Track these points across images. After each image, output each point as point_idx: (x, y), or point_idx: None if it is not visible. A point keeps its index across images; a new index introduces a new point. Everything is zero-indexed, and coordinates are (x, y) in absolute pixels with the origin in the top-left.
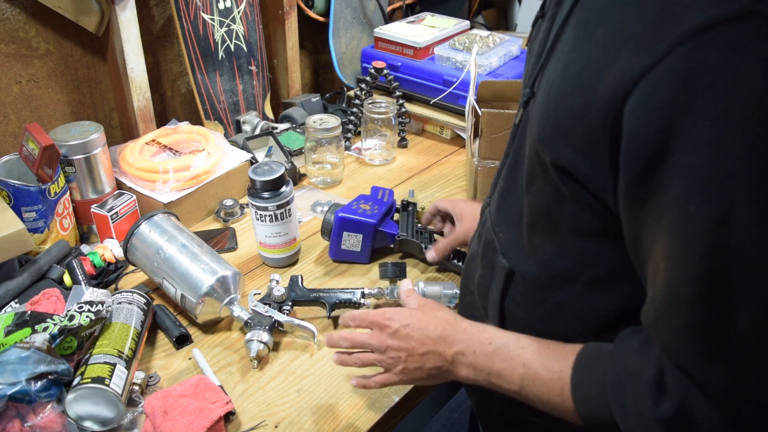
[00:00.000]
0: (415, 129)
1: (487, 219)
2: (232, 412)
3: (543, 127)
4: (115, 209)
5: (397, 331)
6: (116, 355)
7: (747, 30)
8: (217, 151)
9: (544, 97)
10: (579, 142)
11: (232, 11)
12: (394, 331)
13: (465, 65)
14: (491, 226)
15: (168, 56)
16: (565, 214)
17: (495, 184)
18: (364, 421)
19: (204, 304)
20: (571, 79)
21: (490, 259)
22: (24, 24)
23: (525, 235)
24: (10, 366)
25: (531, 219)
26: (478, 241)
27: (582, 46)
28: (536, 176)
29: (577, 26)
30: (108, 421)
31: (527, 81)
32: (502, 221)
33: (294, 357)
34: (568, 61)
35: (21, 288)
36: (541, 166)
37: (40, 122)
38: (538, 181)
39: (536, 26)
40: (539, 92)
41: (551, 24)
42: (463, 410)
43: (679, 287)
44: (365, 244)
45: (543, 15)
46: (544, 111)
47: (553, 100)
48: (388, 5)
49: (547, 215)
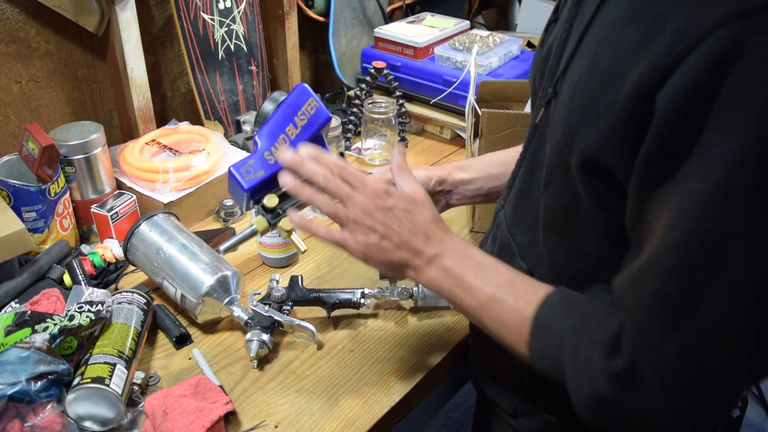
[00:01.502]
0: (415, 129)
1: (502, 221)
2: (232, 412)
3: (569, 122)
4: (115, 209)
5: (390, 209)
6: (116, 355)
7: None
8: (217, 151)
9: (569, 95)
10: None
11: (232, 11)
12: (387, 207)
13: (465, 65)
14: (507, 228)
15: (168, 56)
16: (582, 216)
17: (510, 187)
18: (364, 421)
19: (204, 304)
20: (599, 74)
21: (507, 262)
22: (24, 24)
23: (541, 237)
24: (10, 366)
25: (547, 220)
26: (492, 244)
27: (612, 43)
28: (555, 176)
29: (605, 24)
30: (108, 421)
31: (548, 82)
32: (520, 223)
33: (294, 357)
34: (596, 58)
35: (21, 288)
36: (562, 166)
37: (40, 122)
38: (557, 181)
39: (549, 30)
40: (563, 91)
41: (571, 25)
42: (463, 410)
43: (661, 255)
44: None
45: (556, 19)
46: (570, 108)
47: (579, 97)
48: (388, 5)
49: (563, 216)
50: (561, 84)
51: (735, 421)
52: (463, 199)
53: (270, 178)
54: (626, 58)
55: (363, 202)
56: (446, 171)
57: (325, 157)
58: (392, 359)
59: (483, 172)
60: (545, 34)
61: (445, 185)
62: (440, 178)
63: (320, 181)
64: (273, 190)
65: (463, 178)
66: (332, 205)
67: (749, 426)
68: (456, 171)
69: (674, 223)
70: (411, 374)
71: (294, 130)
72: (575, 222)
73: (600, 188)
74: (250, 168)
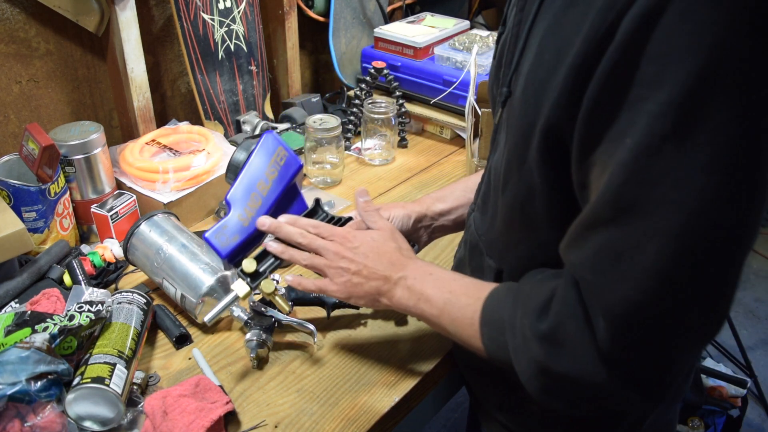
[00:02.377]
0: (415, 129)
1: (471, 224)
2: (232, 412)
3: (526, 115)
4: (115, 209)
5: (357, 248)
6: (116, 355)
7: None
8: (217, 151)
9: (521, 89)
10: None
11: (232, 11)
12: (354, 247)
13: (465, 65)
14: (475, 230)
15: (168, 56)
16: (538, 208)
17: (478, 191)
18: (364, 421)
19: (204, 304)
20: (546, 62)
21: (478, 262)
22: (24, 24)
23: (505, 234)
24: (10, 366)
25: (508, 217)
26: (464, 246)
27: (554, 32)
28: (512, 173)
29: (545, 18)
30: (108, 421)
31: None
32: (485, 224)
33: (294, 357)
34: (541, 49)
35: (21, 288)
36: (519, 160)
37: (40, 122)
38: (514, 176)
39: (500, 41)
40: (517, 87)
41: (518, 30)
42: (463, 410)
43: (597, 210)
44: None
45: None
46: (523, 102)
47: (531, 87)
48: (388, 5)
49: (522, 211)
50: (514, 82)
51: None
52: (446, 230)
53: (246, 241)
54: (569, 41)
55: (335, 248)
56: (424, 205)
57: (300, 220)
58: (392, 359)
59: (461, 199)
60: (497, 46)
61: (425, 220)
62: (419, 215)
63: (298, 239)
64: (249, 252)
65: (443, 209)
66: (310, 258)
67: (749, 426)
68: (434, 203)
69: (610, 177)
70: (411, 374)
71: (265, 186)
72: (533, 215)
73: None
74: (224, 233)
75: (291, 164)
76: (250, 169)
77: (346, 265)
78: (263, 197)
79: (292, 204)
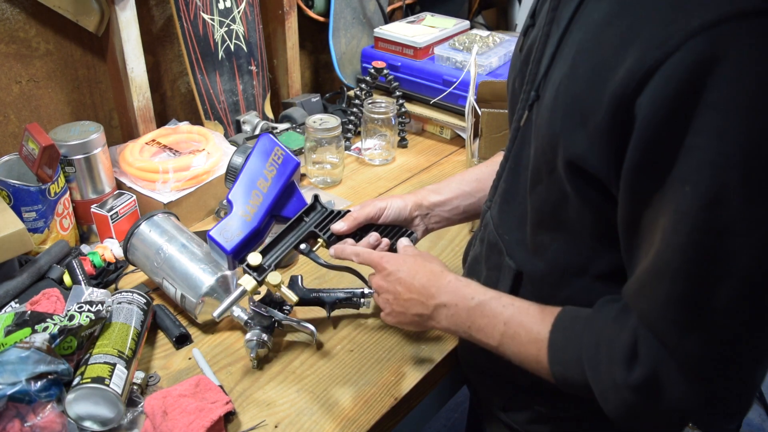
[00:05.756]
0: (415, 129)
1: (489, 222)
2: (232, 412)
3: (552, 126)
4: (115, 209)
5: (390, 274)
6: (116, 355)
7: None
8: (217, 151)
9: (551, 99)
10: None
11: (232, 11)
12: (387, 273)
13: (465, 65)
14: (494, 229)
15: (168, 56)
16: (570, 214)
17: (496, 187)
18: (364, 421)
19: (204, 304)
20: (580, 79)
21: (496, 261)
22: (24, 24)
23: (530, 236)
24: (10, 366)
25: (536, 219)
26: (480, 244)
27: (590, 48)
28: (542, 177)
29: (582, 29)
30: (108, 421)
31: (529, 85)
32: (506, 223)
33: (294, 357)
34: (575, 62)
35: (21, 288)
36: (548, 167)
37: (40, 122)
38: (544, 181)
39: (527, 34)
40: (545, 94)
41: (549, 29)
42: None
43: (667, 259)
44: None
45: (534, 23)
46: (551, 111)
47: (561, 101)
48: (388, 5)
49: (552, 215)
50: (543, 87)
51: None
52: (442, 221)
53: (250, 237)
54: (606, 64)
55: (374, 281)
56: (420, 196)
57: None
58: (392, 359)
59: (456, 191)
60: (523, 38)
61: (421, 210)
62: (415, 204)
63: None
64: (254, 247)
65: (438, 200)
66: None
67: (749, 426)
68: (430, 194)
69: (674, 226)
70: (411, 374)
71: (265, 183)
72: (565, 219)
73: (586, 189)
74: (228, 230)
75: (288, 162)
76: (250, 169)
77: (386, 296)
78: (264, 194)
79: (291, 201)
